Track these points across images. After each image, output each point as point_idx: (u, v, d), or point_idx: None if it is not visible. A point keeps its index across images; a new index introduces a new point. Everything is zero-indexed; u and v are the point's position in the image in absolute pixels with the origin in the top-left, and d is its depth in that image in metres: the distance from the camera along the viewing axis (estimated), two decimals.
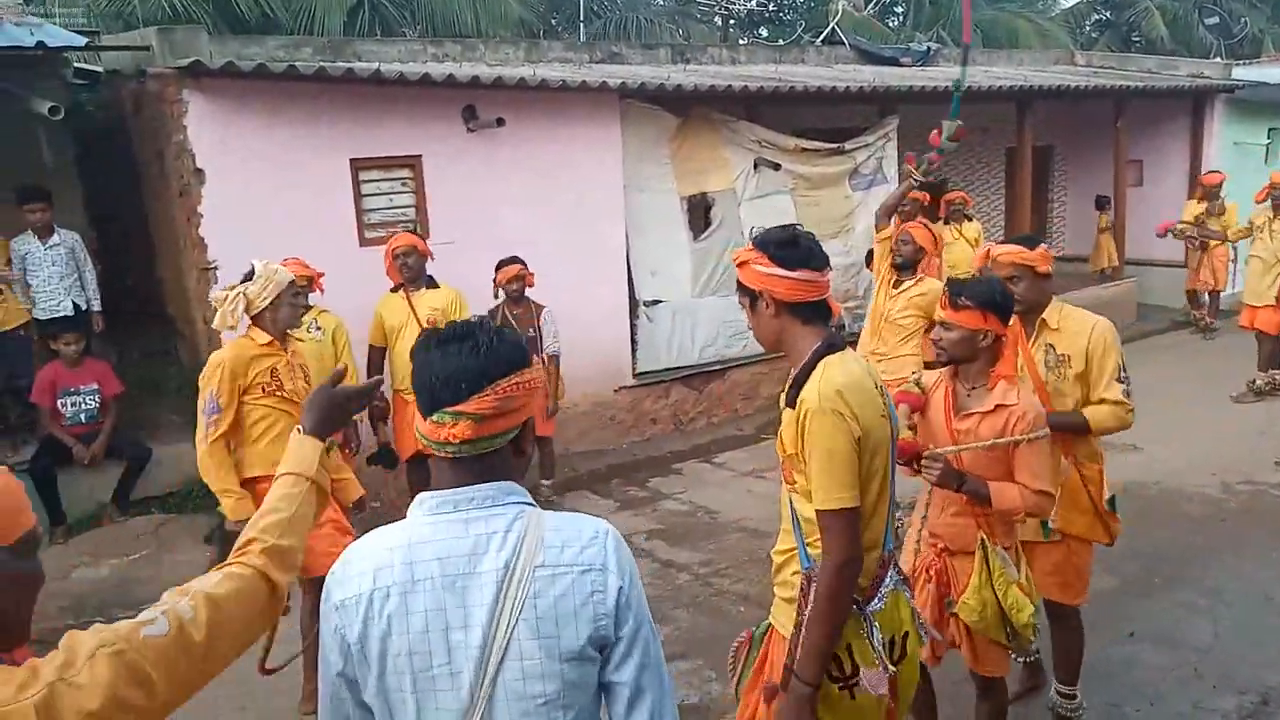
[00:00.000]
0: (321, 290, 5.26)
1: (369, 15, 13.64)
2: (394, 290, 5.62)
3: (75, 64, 7.07)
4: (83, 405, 5.73)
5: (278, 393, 3.77)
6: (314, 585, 3.79)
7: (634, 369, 7.58)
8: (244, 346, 3.73)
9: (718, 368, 7.94)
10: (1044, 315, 3.25)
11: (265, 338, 3.75)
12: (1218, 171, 9.79)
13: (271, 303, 3.70)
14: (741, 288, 2.27)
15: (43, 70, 6.13)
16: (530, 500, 1.59)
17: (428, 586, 1.48)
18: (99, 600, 4.88)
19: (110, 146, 7.89)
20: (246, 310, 3.68)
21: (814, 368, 2.17)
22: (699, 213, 7.93)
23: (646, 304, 7.61)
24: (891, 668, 2.20)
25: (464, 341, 1.54)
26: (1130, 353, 10.00)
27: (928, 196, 8.11)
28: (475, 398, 1.50)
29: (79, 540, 5.43)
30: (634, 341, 7.57)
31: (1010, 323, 2.92)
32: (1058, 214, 12.81)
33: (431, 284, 5.64)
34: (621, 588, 1.51)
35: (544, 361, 6.08)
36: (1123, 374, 3.19)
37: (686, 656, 4.28)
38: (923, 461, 2.77)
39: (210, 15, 11.25)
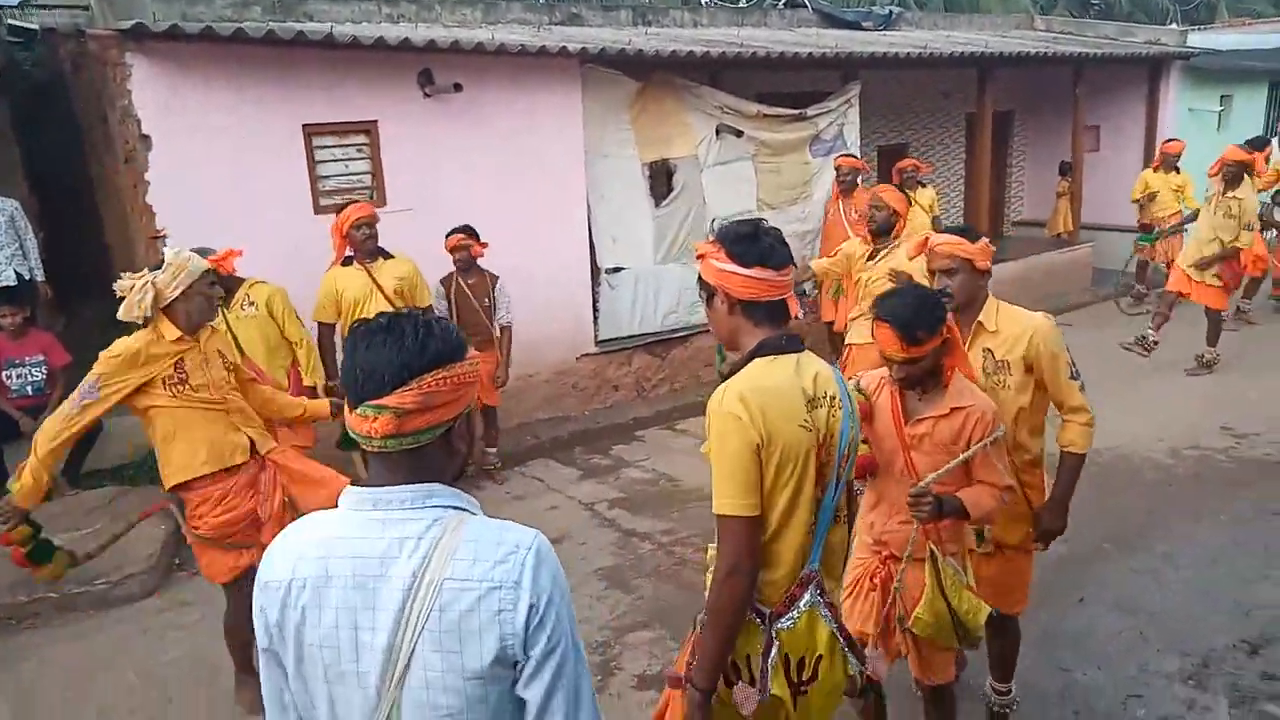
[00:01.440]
0: (233, 270, 4.71)
1: None
2: (345, 264, 5.47)
3: (9, 21, 6.78)
4: (29, 377, 5.58)
5: (183, 386, 3.44)
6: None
7: (596, 336, 7.55)
8: (149, 342, 3.37)
9: (680, 334, 7.93)
10: (980, 317, 3.05)
11: (174, 333, 3.42)
12: (1177, 140, 9.91)
13: (183, 293, 3.38)
14: (700, 281, 2.20)
15: None
16: (456, 504, 1.53)
17: (339, 584, 1.47)
18: None
19: (50, 106, 7.62)
20: (156, 301, 3.34)
21: (740, 369, 2.11)
22: (661, 179, 7.87)
23: (608, 271, 7.56)
24: (771, 692, 2.10)
25: (390, 333, 1.50)
26: (1084, 318, 10.17)
27: (865, 165, 8.16)
28: (398, 391, 1.47)
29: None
30: (596, 309, 7.53)
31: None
32: (1016, 179, 12.92)
33: (385, 254, 5.53)
34: (533, 606, 1.45)
35: (496, 332, 6.04)
36: (1073, 369, 3.05)
37: (649, 626, 4.31)
38: (909, 500, 2.61)
39: None
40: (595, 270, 7.47)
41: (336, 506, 1.58)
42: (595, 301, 7.51)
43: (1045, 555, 4.60)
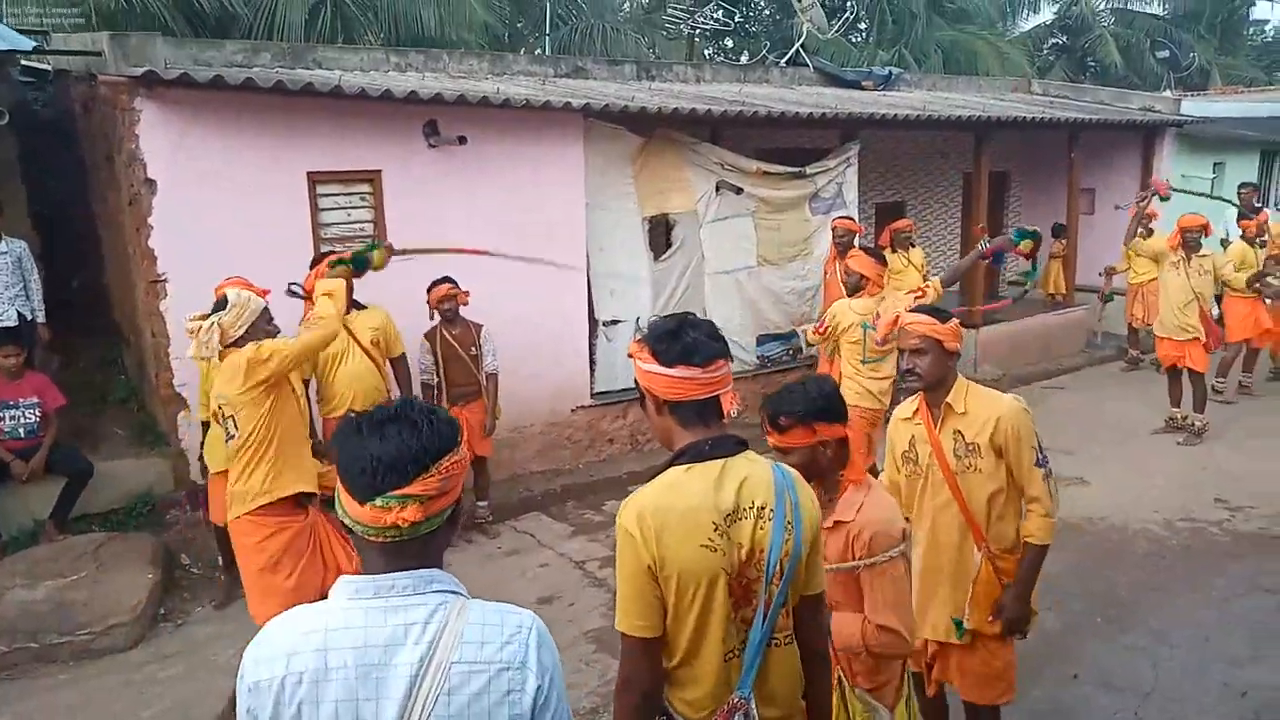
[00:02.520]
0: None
1: (331, 14, 13.44)
2: None
3: (23, 62, 6.86)
4: (21, 419, 5.55)
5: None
6: None
7: (592, 389, 7.55)
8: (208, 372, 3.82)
9: None
10: (949, 399, 3.00)
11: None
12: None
13: (247, 331, 3.74)
14: (635, 382, 2.11)
15: None
16: (455, 588, 1.56)
17: (340, 676, 1.46)
18: (32, 625, 4.72)
19: (57, 147, 7.67)
20: (221, 340, 3.70)
21: (655, 478, 2.02)
22: (660, 233, 7.93)
23: (606, 324, 7.58)
24: None
25: (400, 423, 1.52)
26: (1077, 381, 10.17)
27: (861, 228, 8.27)
28: (421, 479, 1.49)
29: (14, 559, 5.23)
30: (592, 361, 7.54)
31: (852, 419, 2.69)
32: (1005, 264, 13.01)
33: (358, 305, 5.50)
34: (540, 687, 1.49)
35: (483, 381, 6.05)
36: (1040, 456, 2.98)
37: None
38: None
39: (168, 9, 10.98)
40: (593, 322, 7.49)
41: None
42: (592, 354, 7.52)
43: (1037, 627, 4.58)
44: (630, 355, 2.09)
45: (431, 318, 5.99)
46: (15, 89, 6.84)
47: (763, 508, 1.98)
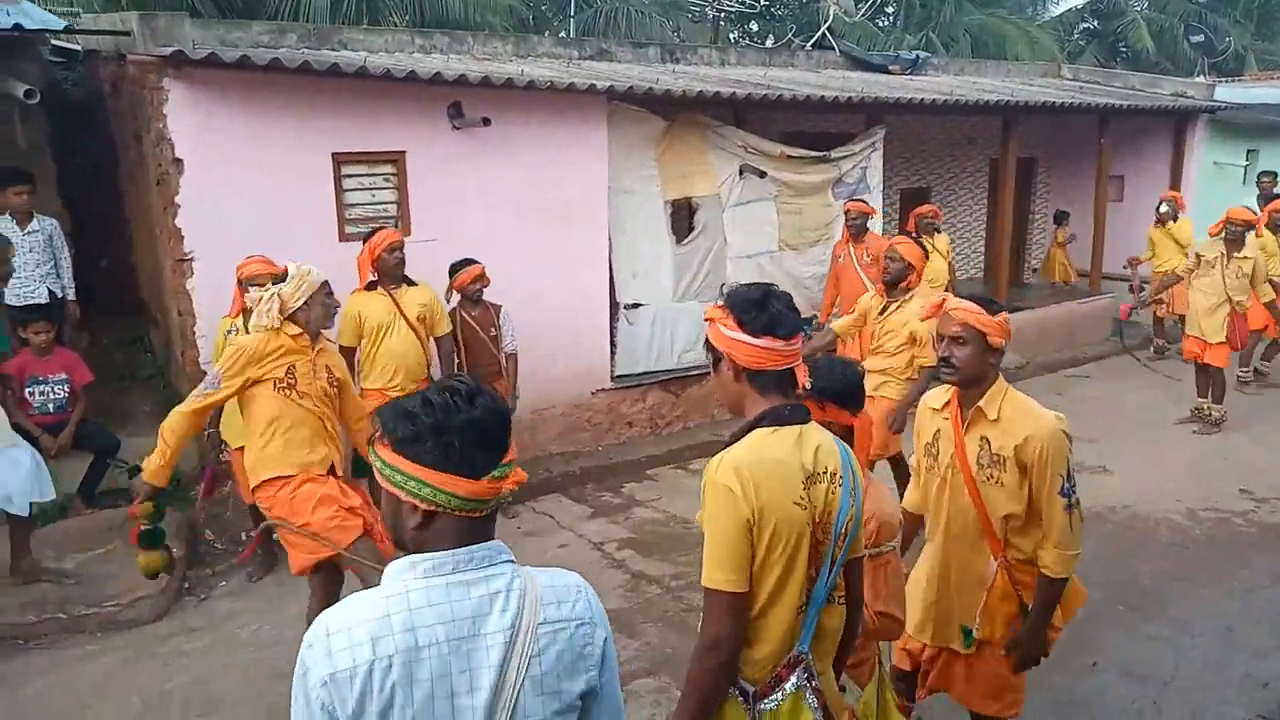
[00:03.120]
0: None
1: None
2: (368, 288, 5.52)
3: (53, 42, 6.93)
4: (51, 395, 5.63)
5: (290, 390, 3.84)
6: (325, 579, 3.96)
7: (612, 371, 7.56)
8: (270, 339, 3.82)
9: (696, 372, 7.93)
10: (981, 402, 2.81)
11: (295, 329, 3.87)
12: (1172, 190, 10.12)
13: (305, 303, 3.84)
14: (708, 344, 2.16)
15: (19, 51, 6.00)
16: (513, 557, 1.60)
17: (433, 653, 1.45)
18: (61, 595, 4.82)
19: (86, 126, 7.76)
20: (280, 311, 3.81)
21: (741, 438, 2.07)
22: (683, 217, 7.91)
23: (627, 307, 7.58)
24: None
25: (479, 396, 1.55)
26: (1102, 370, 10.06)
27: (874, 210, 8.13)
28: (512, 446, 1.57)
29: (43, 533, 5.33)
30: (613, 344, 7.55)
31: (864, 411, 2.70)
32: (1039, 225, 12.89)
33: (409, 281, 5.59)
34: (607, 638, 1.62)
35: (503, 361, 6.07)
36: (1066, 485, 2.74)
37: (655, 674, 4.28)
38: None
39: None
40: (614, 305, 7.50)
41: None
42: (613, 336, 7.53)
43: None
44: (709, 319, 2.13)
45: (448, 300, 6.01)
46: (46, 69, 6.91)
47: (834, 474, 2.08)
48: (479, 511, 1.53)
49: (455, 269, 5.92)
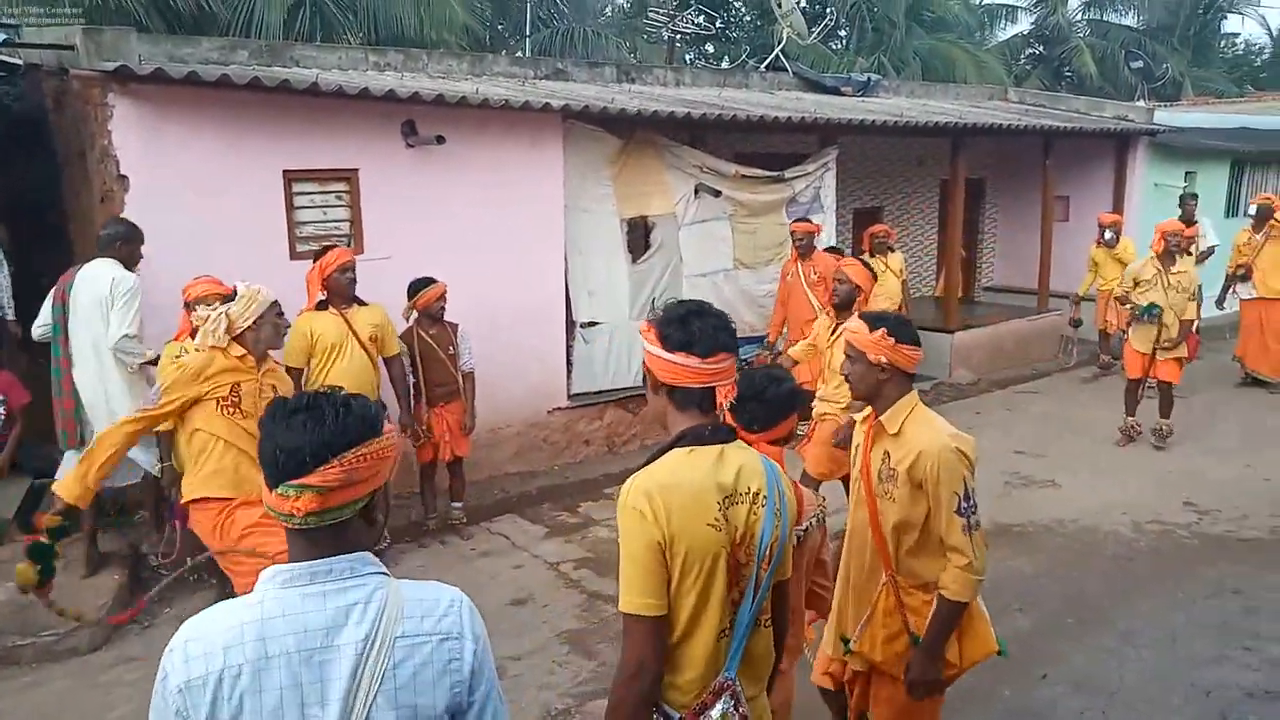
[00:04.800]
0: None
1: (310, 14, 13.38)
2: (319, 308, 5.44)
3: None
4: None
5: (233, 411, 3.81)
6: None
7: (569, 390, 7.54)
8: (215, 358, 3.79)
9: None
10: (883, 416, 2.81)
11: (240, 350, 3.84)
12: (1113, 213, 10.38)
13: (254, 323, 3.81)
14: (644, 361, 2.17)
15: None
16: (385, 570, 1.60)
17: (282, 663, 1.47)
18: None
19: (27, 141, 7.55)
20: (228, 331, 3.77)
21: (659, 457, 2.05)
22: (639, 235, 7.94)
23: (583, 325, 7.57)
24: None
25: (310, 412, 1.54)
26: (1051, 386, 10.22)
27: (819, 228, 8.22)
28: (320, 470, 1.51)
29: None
30: (569, 363, 7.53)
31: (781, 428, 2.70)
32: (988, 245, 13.15)
33: (360, 301, 5.53)
34: (476, 652, 1.59)
35: (460, 379, 6.03)
36: (963, 504, 2.68)
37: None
38: None
39: (143, 7, 10.88)
40: (570, 324, 7.48)
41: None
42: (569, 355, 7.51)
43: (1008, 627, 4.64)
44: (640, 334, 2.14)
45: (406, 318, 5.95)
46: None
47: (757, 494, 2.05)
48: (289, 524, 1.53)
49: (417, 288, 5.86)
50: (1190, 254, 8.93)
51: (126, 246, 5.11)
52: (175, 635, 1.52)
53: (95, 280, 4.95)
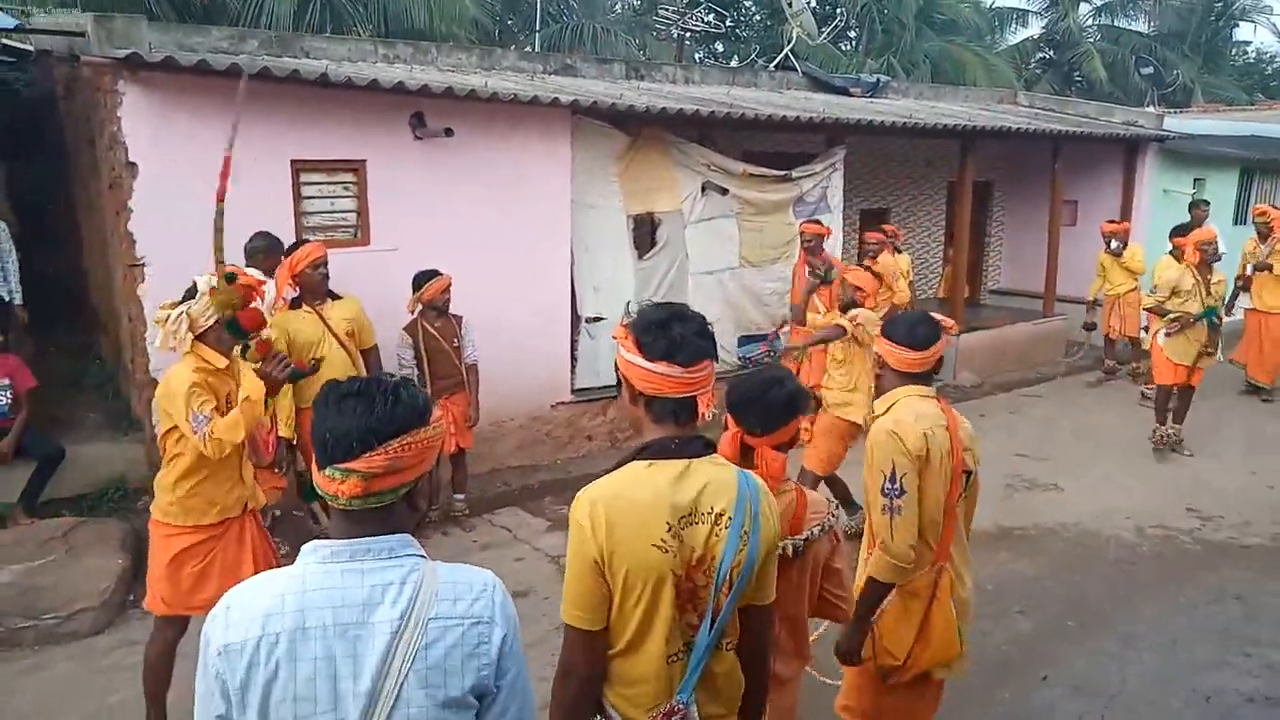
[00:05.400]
0: (263, 298, 5.02)
1: (320, 5, 13.39)
2: (293, 306, 5.33)
3: (4, 41, 6.79)
4: None
5: None
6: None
7: (572, 385, 7.54)
8: (201, 369, 3.44)
9: None
10: (876, 402, 3.04)
11: (221, 360, 3.50)
12: (1118, 221, 10.33)
13: (217, 321, 3.46)
14: (616, 366, 2.08)
15: None
16: (423, 553, 1.64)
17: (319, 634, 1.51)
18: None
19: (37, 128, 7.60)
20: (190, 329, 3.43)
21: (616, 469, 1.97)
22: (645, 232, 7.94)
23: (588, 320, 7.58)
24: None
25: (360, 398, 1.57)
26: (1055, 390, 10.20)
27: (828, 230, 8.20)
28: (365, 456, 1.54)
29: None
30: (574, 357, 7.53)
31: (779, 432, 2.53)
32: (994, 248, 13.13)
33: (333, 295, 5.44)
34: (506, 636, 1.60)
35: (465, 372, 6.03)
36: (886, 485, 2.78)
37: None
38: None
39: None
40: (575, 319, 7.49)
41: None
42: (574, 350, 7.52)
43: (1009, 630, 4.64)
44: (615, 338, 2.05)
45: (411, 311, 5.95)
46: None
47: (720, 514, 1.93)
48: (336, 504, 1.57)
49: (421, 280, 5.85)
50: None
51: (267, 259, 5.40)
52: (217, 604, 1.57)
53: None
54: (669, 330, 1.94)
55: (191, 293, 3.50)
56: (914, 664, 2.90)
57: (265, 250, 5.41)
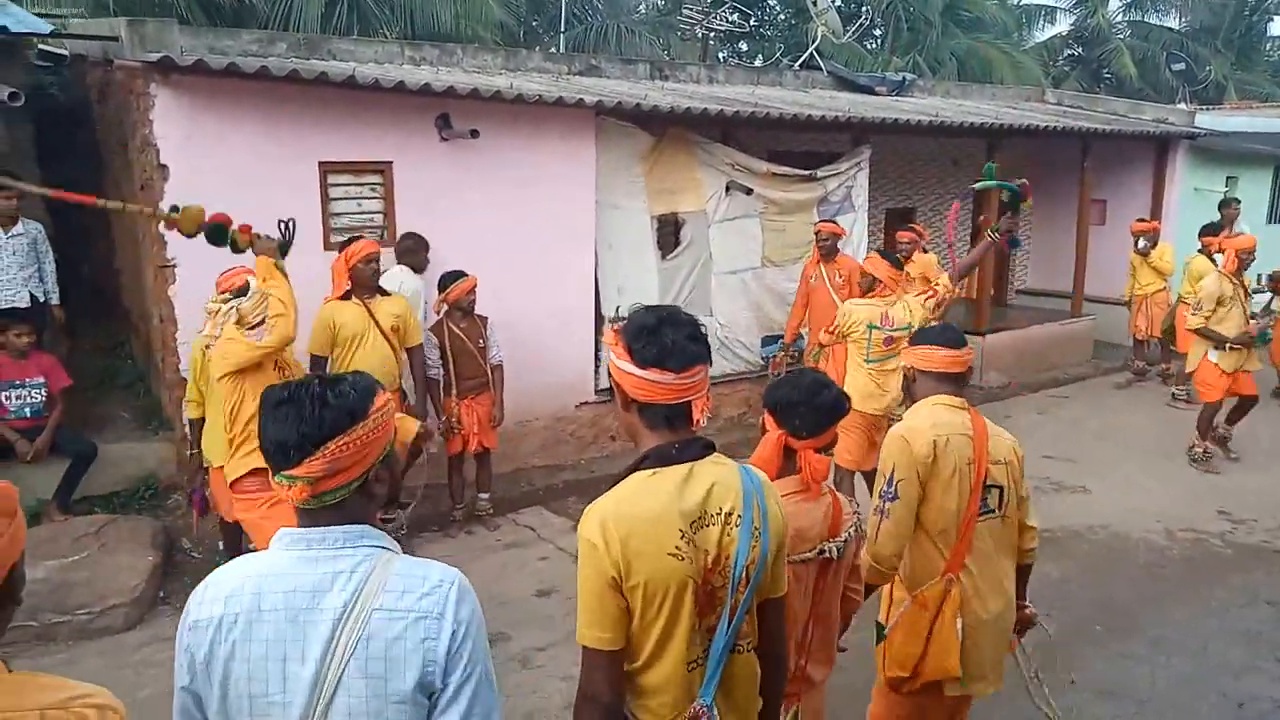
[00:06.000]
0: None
1: (347, 8, 13.52)
2: (343, 298, 5.45)
3: (40, 46, 6.91)
4: (28, 399, 5.59)
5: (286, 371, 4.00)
6: None
7: (596, 385, 7.56)
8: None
9: None
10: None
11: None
12: (1147, 220, 10.22)
13: (263, 321, 3.82)
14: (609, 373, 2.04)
15: (4, 53, 5.97)
16: (386, 544, 1.65)
17: (271, 618, 1.56)
18: (31, 604, 4.73)
19: (71, 131, 7.72)
20: (239, 324, 3.76)
21: (622, 480, 1.94)
22: (669, 232, 7.93)
23: (612, 320, 7.59)
24: None
25: (291, 404, 1.60)
26: (1083, 391, 10.10)
27: (844, 231, 8.13)
28: (305, 463, 1.58)
29: None
30: (598, 357, 7.55)
31: (816, 437, 2.51)
32: (1022, 248, 13.00)
33: (383, 291, 5.56)
34: (454, 634, 1.57)
35: (490, 372, 6.09)
36: (885, 487, 2.83)
37: None
38: None
39: (185, 1, 11.04)
40: (599, 319, 7.51)
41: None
42: (597, 350, 7.54)
43: (1035, 632, 4.58)
44: (605, 343, 2.03)
45: (437, 312, 6.00)
46: (31, 72, 6.89)
47: (730, 513, 1.92)
48: (302, 506, 1.61)
49: (447, 281, 5.91)
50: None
51: (413, 256, 6.08)
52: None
53: (391, 282, 5.84)
54: (660, 336, 1.90)
55: (243, 290, 3.81)
56: (920, 675, 2.90)
57: (412, 249, 6.08)
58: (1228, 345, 7.14)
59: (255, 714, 1.56)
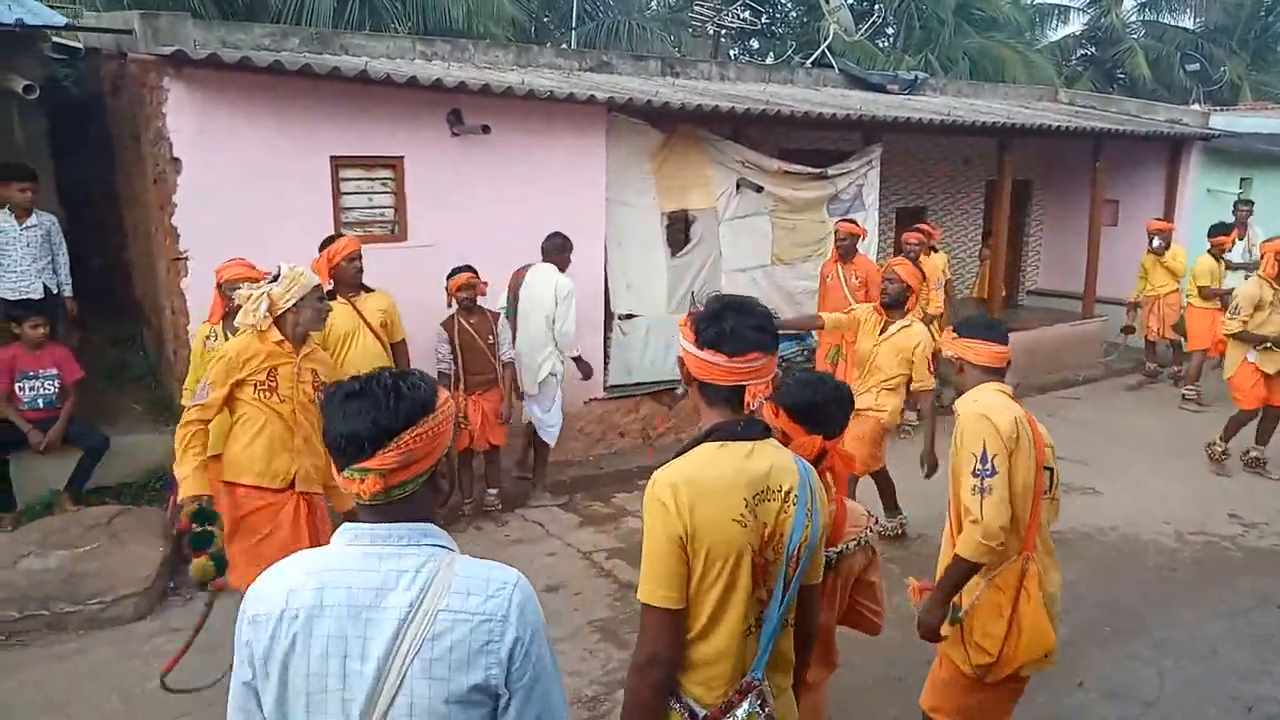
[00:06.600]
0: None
1: (359, 3, 13.53)
2: (328, 297, 5.42)
3: (54, 39, 6.94)
4: (41, 390, 5.61)
5: (270, 394, 3.76)
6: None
7: (605, 381, 7.56)
8: (251, 343, 3.73)
9: None
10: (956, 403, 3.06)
11: (277, 336, 3.77)
12: (1163, 220, 10.22)
13: (295, 305, 3.74)
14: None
15: (19, 46, 5.99)
16: (447, 544, 1.64)
17: (333, 614, 1.54)
18: (43, 593, 4.78)
19: (85, 123, 7.76)
20: (270, 311, 3.71)
21: (688, 450, 2.05)
22: (678, 229, 7.93)
23: (621, 317, 7.59)
24: None
25: (363, 398, 1.59)
26: (1093, 393, 10.07)
27: (864, 231, 8.08)
28: (379, 455, 1.57)
29: (28, 529, 5.31)
30: (606, 354, 7.55)
31: (835, 435, 2.60)
32: (1033, 248, 12.96)
33: (366, 288, 5.51)
34: (519, 639, 1.56)
35: (500, 368, 6.08)
36: (979, 465, 2.81)
37: None
38: None
39: None
40: (608, 315, 7.50)
41: None
42: (606, 347, 7.54)
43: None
44: (679, 325, 2.15)
45: (450, 306, 6.02)
46: (46, 65, 6.92)
47: (788, 492, 2.03)
48: (361, 503, 1.61)
49: (450, 276, 5.93)
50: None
51: (560, 255, 6.25)
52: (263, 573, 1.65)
53: (543, 280, 6.14)
54: (721, 321, 2.04)
55: (275, 277, 3.75)
56: (1008, 659, 2.88)
57: (558, 248, 6.25)
58: (1269, 345, 6.97)
59: (313, 710, 1.54)
